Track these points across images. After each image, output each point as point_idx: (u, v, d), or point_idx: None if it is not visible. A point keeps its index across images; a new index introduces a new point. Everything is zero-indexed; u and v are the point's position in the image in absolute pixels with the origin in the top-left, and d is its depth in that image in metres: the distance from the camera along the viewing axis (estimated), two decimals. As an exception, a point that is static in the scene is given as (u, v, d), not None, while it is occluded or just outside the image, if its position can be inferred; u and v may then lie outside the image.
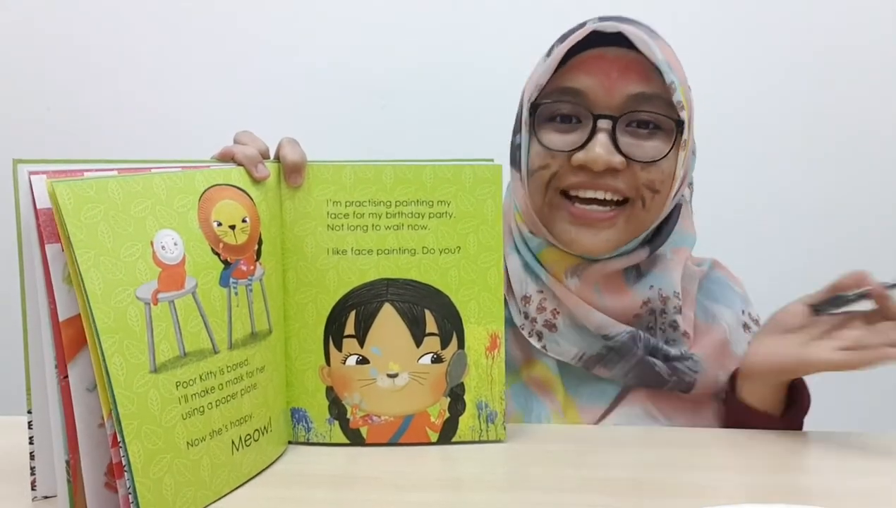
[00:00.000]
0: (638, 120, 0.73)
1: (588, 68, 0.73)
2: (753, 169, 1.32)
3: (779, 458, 0.68)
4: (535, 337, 0.80)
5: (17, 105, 1.36)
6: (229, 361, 0.61)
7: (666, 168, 0.73)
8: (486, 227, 0.70)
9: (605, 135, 0.71)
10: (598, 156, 0.71)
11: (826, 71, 1.30)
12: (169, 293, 0.56)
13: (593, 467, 0.67)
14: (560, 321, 0.79)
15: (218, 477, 0.59)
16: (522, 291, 0.80)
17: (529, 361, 0.82)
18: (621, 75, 0.72)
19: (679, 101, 0.72)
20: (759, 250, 1.31)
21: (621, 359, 0.78)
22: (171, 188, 0.58)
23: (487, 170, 0.69)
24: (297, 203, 0.69)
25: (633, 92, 0.72)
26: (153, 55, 1.35)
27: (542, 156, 0.75)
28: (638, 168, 0.73)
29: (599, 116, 0.72)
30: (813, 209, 1.33)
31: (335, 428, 0.70)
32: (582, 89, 0.73)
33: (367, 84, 1.33)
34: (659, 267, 0.79)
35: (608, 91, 0.72)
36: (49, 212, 0.51)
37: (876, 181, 1.32)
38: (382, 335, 0.70)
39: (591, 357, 0.78)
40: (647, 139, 0.73)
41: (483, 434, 0.72)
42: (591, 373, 0.80)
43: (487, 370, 0.71)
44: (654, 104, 0.72)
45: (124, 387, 0.52)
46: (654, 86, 0.72)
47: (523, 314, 0.80)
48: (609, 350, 0.78)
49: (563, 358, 0.79)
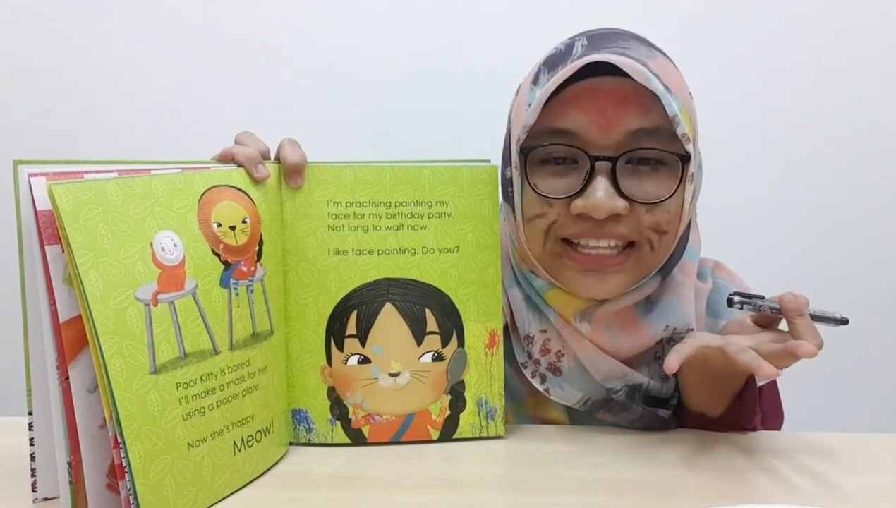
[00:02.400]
0: (639, 158, 0.66)
1: (580, 104, 0.65)
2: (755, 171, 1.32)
3: (779, 458, 0.68)
4: (538, 379, 0.75)
5: (18, 106, 1.36)
6: (230, 362, 0.61)
7: (672, 207, 0.67)
8: (483, 227, 0.71)
9: (604, 179, 0.65)
10: (599, 203, 0.64)
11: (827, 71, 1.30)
12: (169, 294, 0.56)
13: (593, 467, 0.67)
14: (565, 364, 0.74)
15: (219, 479, 0.59)
16: (525, 330, 0.75)
17: (535, 398, 0.77)
18: (618, 111, 0.65)
19: (684, 134, 0.64)
20: (759, 250, 1.31)
21: (624, 409, 0.74)
22: (171, 189, 0.58)
23: (484, 171, 0.71)
24: (298, 204, 0.69)
25: (632, 128, 0.65)
26: (153, 56, 1.35)
27: (538, 204, 0.68)
28: (643, 210, 0.66)
29: (597, 158, 0.65)
30: (813, 210, 1.33)
31: (337, 429, 0.71)
32: (575, 130, 0.66)
33: (367, 86, 1.33)
34: (669, 295, 0.74)
35: (604, 129, 0.65)
36: (49, 213, 0.51)
37: (877, 182, 1.32)
38: (384, 334, 0.70)
39: (595, 401, 0.74)
40: (649, 177, 0.66)
41: (483, 431, 0.72)
42: (596, 418, 0.75)
43: (487, 367, 0.72)
44: (656, 138, 0.65)
45: (124, 388, 0.52)
46: (654, 118, 0.65)
47: (526, 353, 0.76)
48: (613, 396, 0.74)
49: (567, 402, 0.75)
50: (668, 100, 0.64)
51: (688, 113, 0.67)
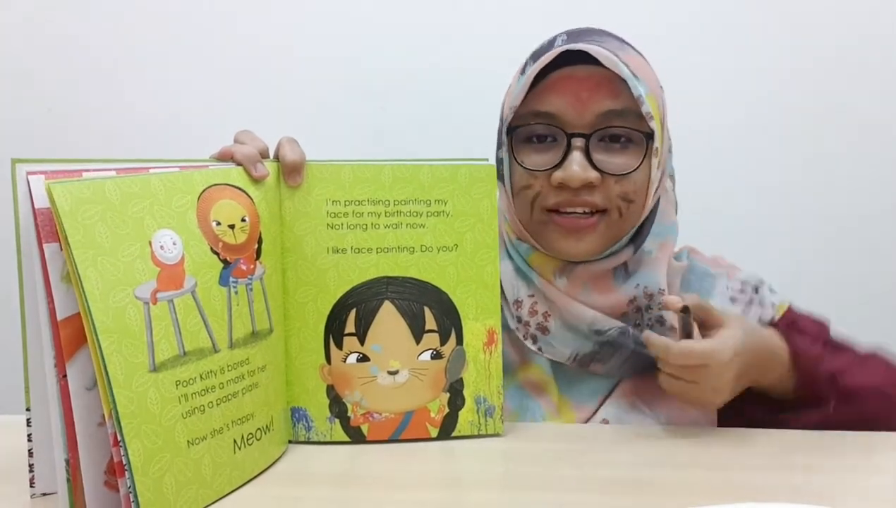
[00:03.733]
0: (610, 135, 0.75)
1: (559, 89, 0.75)
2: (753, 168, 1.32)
3: (778, 457, 0.68)
4: (531, 340, 0.82)
5: (18, 105, 1.36)
6: (230, 360, 0.61)
7: (639, 179, 0.76)
8: (482, 225, 0.71)
9: (579, 153, 0.74)
10: (574, 174, 0.73)
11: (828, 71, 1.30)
12: (168, 292, 0.56)
13: (592, 465, 0.67)
14: (552, 323, 0.81)
15: (219, 476, 0.60)
16: (514, 295, 0.82)
17: (525, 363, 0.83)
18: (591, 94, 0.74)
19: (648, 112, 0.74)
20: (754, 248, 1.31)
21: (614, 354, 0.79)
22: (170, 188, 0.58)
23: (483, 169, 0.71)
24: (297, 202, 0.69)
25: (602, 109, 0.74)
26: (154, 55, 1.35)
27: (524, 177, 0.78)
28: (612, 181, 0.75)
29: (573, 135, 0.74)
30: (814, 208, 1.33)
31: (336, 427, 0.71)
32: (554, 112, 0.75)
33: (366, 84, 1.33)
34: (645, 265, 0.81)
35: (579, 111, 0.74)
36: (47, 211, 0.51)
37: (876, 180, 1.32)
38: (383, 332, 0.70)
39: (584, 355, 0.80)
40: (619, 153, 0.75)
41: (482, 429, 0.72)
42: (586, 371, 0.81)
43: (485, 365, 0.72)
44: (625, 118, 0.75)
45: (123, 386, 0.52)
46: (623, 100, 0.74)
47: (516, 318, 0.82)
48: (601, 346, 0.79)
49: (558, 358, 0.81)
50: (633, 84, 0.73)
51: (654, 98, 0.76)
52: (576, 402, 0.81)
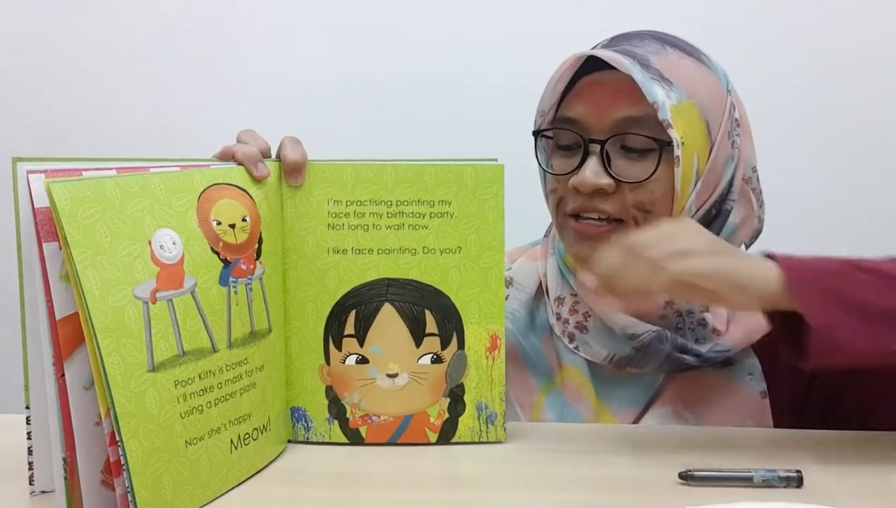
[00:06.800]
0: (628, 142, 0.74)
1: (583, 96, 0.76)
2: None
3: (777, 457, 0.67)
4: (568, 338, 0.82)
5: (17, 105, 1.36)
6: (229, 360, 0.61)
7: (656, 188, 0.73)
8: (487, 227, 0.69)
9: (595, 159, 0.73)
10: (586, 180, 0.73)
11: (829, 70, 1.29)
12: (167, 292, 0.56)
13: (592, 466, 0.66)
14: (591, 323, 0.81)
15: (216, 476, 0.59)
16: (557, 292, 0.83)
17: (562, 366, 0.83)
18: (611, 101, 0.74)
19: (665, 120, 0.71)
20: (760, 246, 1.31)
21: (650, 360, 0.78)
22: (170, 187, 0.58)
23: (489, 169, 0.69)
24: (298, 202, 0.68)
25: (620, 116, 0.73)
26: (153, 55, 1.35)
27: (551, 181, 0.79)
28: (627, 189, 0.74)
29: (591, 141, 0.74)
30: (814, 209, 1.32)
31: (334, 428, 0.70)
32: (577, 118, 0.75)
33: (369, 83, 1.32)
34: None
35: (598, 117, 0.74)
36: (47, 210, 0.51)
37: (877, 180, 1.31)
38: (382, 335, 0.70)
39: (621, 358, 0.79)
40: (637, 160, 0.74)
41: (483, 436, 0.71)
42: (624, 374, 0.80)
43: (487, 371, 0.71)
44: (643, 126, 0.73)
45: (122, 386, 0.52)
46: (644, 107, 0.72)
47: (556, 315, 0.83)
48: (637, 351, 0.78)
49: (595, 359, 0.81)
50: (648, 89, 0.71)
51: (693, 105, 0.74)
52: (614, 410, 0.80)
